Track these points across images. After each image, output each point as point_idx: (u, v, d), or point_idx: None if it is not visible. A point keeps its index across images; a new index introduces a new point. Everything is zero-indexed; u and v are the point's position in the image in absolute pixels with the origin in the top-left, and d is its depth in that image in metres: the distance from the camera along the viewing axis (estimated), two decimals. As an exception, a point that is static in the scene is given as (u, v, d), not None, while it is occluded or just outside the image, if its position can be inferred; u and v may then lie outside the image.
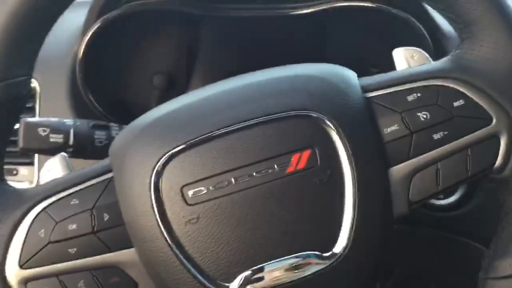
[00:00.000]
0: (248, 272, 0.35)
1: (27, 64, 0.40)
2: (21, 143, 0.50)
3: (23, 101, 0.41)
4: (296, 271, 0.36)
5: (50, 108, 0.68)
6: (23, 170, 0.73)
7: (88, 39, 0.65)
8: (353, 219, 0.36)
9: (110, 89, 0.71)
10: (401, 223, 0.39)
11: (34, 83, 0.69)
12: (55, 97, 0.68)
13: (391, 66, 0.43)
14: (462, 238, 0.59)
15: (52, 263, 0.37)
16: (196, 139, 0.36)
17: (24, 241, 0.37)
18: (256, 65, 0.43)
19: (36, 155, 0.71)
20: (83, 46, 0.65)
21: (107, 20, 0.65)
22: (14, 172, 0.73)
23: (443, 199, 0.59)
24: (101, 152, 0.54)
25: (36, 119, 0.53)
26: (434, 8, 0.41)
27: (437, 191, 0.38)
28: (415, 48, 0.43)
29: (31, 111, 0.70)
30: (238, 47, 0.74)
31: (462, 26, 0.39)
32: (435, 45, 0.64)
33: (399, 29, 0.64)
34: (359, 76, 0.40)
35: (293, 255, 0.36)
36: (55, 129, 0.51)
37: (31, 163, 0.71)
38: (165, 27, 0.74)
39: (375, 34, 0.69)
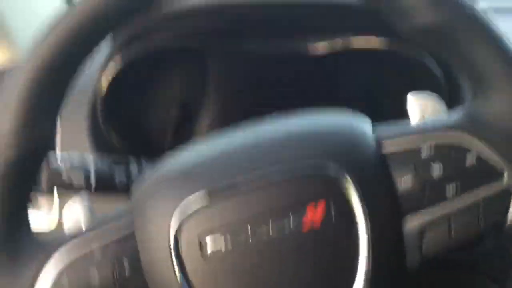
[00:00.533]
0: None
1: (52, 116, 0.40)
2: (44, 186, 0.52)
3: (46, 149, 0.42)
4: None
5: (70, 143, 0.70)
6: (41, 198, 0.75)
7: (112, 77, 0.67)
8: (366, 273, 0.36)
9: (129, 123, 0.73)
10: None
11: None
12: (76, 132, 0.70)
13: (403, 103, 0.43)
14: (477, 277, 0.59)
15: None
16: (213, 194, 0.37)
17: None
18: (268, 102, 0.44)
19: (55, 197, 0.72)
20: (106, 83, 0.67)
21: (130, 58, 0.66)
22: (34, 199, 0.74)
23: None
24: (120, 188, 0.56)
25: (58, 158, 0.54)
26: (446, 62, 0.42)
27: (449, 245, 0.38)
28: (429, 94, 0.44)
29: (52, 143, 0.72)
30: (250, 82, 0.76)
31: (475, 82, 0.40)
32: (450, 84, 0.64)
33: (413, 69, 0.65)
34: (372, 116, 0.41)
35: None
36: (76, 169, 0.53)
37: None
38: (181, 60, 0.75)
39: (389, 73, 0.70)
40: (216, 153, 0.40)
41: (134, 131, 0.74)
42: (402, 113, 0.45)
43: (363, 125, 0.41)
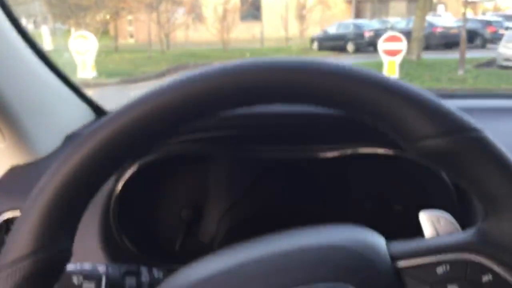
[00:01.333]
0: None
1: (70, 231, 0.40)
2: None
3: (63, 266, 0.41)
4: None
5: (81, 244, 0.70)
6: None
7: (125, 181, 0.68)
8: None
9: (141, 226, 0.74)
10: None
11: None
12: (87, 234, 0.70)
13: (414, 206, 0.43)
14: None
15: None
16: None
17: None
18: (279, 206, 0.44)
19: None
20: (119, 187, 0.68)
21: (144, 163, 0.68)
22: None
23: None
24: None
25: (71, 266, 0.54)
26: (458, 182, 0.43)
27: None
28: (441, 212, 0.44)
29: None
30: (259, 185, 0.77)
31: (486, 202, 0.40)
32: (460, 196, 0.65)
33: (424, 175, 0.67)
34: (384, 218, 0.41)
35: None
36: (88, 277, 0.53)
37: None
38: (192, 164, 0.77)
39: (400, 176, 0.71)
40: (225, 271, 0.40)
41: (145, 232, 0.74)
42: (413, 216, 0.45)
43: (377, 240, 0.41)
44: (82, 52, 7.15)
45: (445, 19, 14.65)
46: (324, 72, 0.37)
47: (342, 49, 12.54)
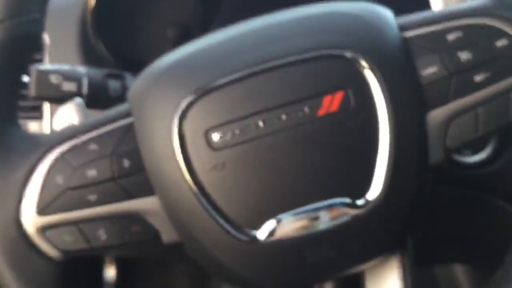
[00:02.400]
0: (275, 219, 0.34)
1: (40, 1, 0.37)
2: (32, 91, 0.48)
3: (36, 41, 0.38)
4: (326, 218, 0.34)
5: (60, 60, 0.65)
6: (32, 125, 0.72)
7: None
8: (387, 164, 0.34)
9: (122, 40, 0.69)
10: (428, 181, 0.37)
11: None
12: (65, 48, 0.66)
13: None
14: (492, 197, 0.57)
15: (71, 210, 0.35)
16: (221, 80, 0.34)
17: (41, 187, 0.35)
18: None
19: (46, 109, 0.69)
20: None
21: None
22: (23, 126, 0.71)
23: (473, 155, 0.57)
24: (115, 102, 0.52)
25: (48, 66, 0.50)
26: None
27: (475, 136, 0.35)
28: None
29: (40, 63, 0.68)
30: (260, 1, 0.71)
31: None
32: None
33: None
34: None
35: (324, 201, 0.34)
36: (68, 76, 0.49)
37: (40, 117, 0.70)
38: None
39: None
40: (219, 42, 0.36)
41: (127, 48, 0.69)
42: None
43: (384, 11, 0.37)
44: None
45: None
46: None
47: None
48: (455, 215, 0.56)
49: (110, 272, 0.45)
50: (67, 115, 0.39)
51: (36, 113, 0.69)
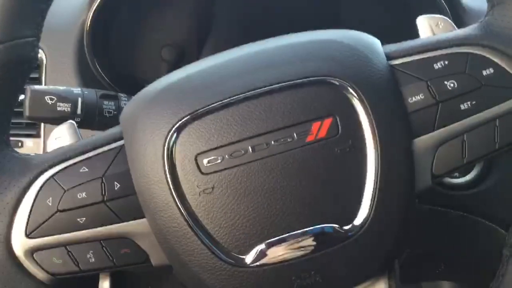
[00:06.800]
0: (263, 245, 0.34)
1: (35, 25, 0.38)
2: (27, 112, 0.49)
3: (30, 64, 0.39)
4: (314, 244, 0.34)
5: (56, 79, 0.66)
6: (28, 142, 0.72)
7: (96, 7, 0.63)
8: (374, 190, 0.34)
9: (118, 60, 0.69)
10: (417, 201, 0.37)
11: (40, 53, 0.68)
12: (62, 67, 0.66)
13: (408, 37, 0.41)
14: (477, 217, 0.57)
15: (60, 233, 0.35)
16: (212, 105, 0.34)
17: (31, 210, 0.36)
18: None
19: (42, 127, 0.69)
20: (91, 15, 0.63)
21: None
22: (20, 144, 0.72)
23: (459, 177, 0.57)
24: (109, 123, 0.53)
25: (43, 87, 0.51)
26: None
27: (462, 164, 0.36)
28: (440, 15, 0.41)
29: (37, 82, 0.68)
30: (253, 19, 0.72)
31: None
32: (455, 20, 0.61)
33: (416, 1, 0.62)
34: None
35: (311, 227, 0.34)
36: (62, 97, 0.49)
37: (37, 135, 0.70)
38: None
39: (391, 4, 0.67)
40: (209, 67, 0.37)
41: (122, 68, 0.70)
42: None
43: (371, 39, 0.38)
44: None
45: None
46: None
47: None
48: (441, 233, 0.56)
49: (105, 285, 0.45)
50: (60, 137, 0.40)
51: (31, 130, 0.70)
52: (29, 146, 0.71)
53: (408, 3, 0.64)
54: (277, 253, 0.34)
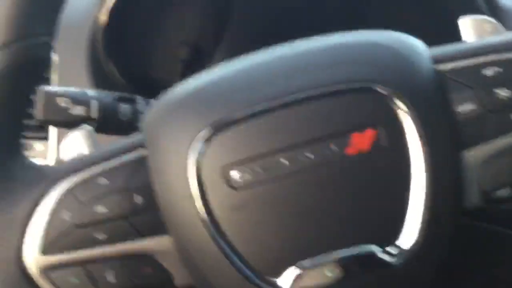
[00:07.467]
0: (298, 267, 0.31)
1: (49, 23, 0.35)
2: (39, 115, 0.46)
3: (44, 65, 0.36)
4: (355, 267, 0.31)
5: (69, 79, 0.64)
6: (38, 146, 0.70)
7: (112, 6, 0.60)
8: (424, 209, 0.31)
9: (132, 59, 0.67)
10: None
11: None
12: (75, 68, 0.64)
13: (445, 40, 0.37)
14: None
15: (78, 249, 0.33)
16: (241, 113, 0.31)
17: (46, 224, 0.33)
18: (293, 37, 0.38)
19: (51, 130, 0.67)
20: (105, 13, 0.61)
21: None
22: (28, 147, 0.69)
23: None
24: (125, 127, 0.50)
25: (56, 88, 0.48)
26: None
27: None
28: (485, 17, 0.38)
29: (49, 83, 0.65)
30: (272, 16, 0.69)
31: None
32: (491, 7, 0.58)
33: (450, 1, 0.59)
34: None
35: (352, 249, 0.31)
36: (76, 100, 0.47)
37: (46, 138, 0.67)
38: None
39: (424, 3, 0.64)
40: (239, 71, 0.34)
41: (137, 68, 0.67)
42: None
43: (416, 42, 0.35)
44: None
45: None
46: None
47: None
48: (476, 248, 0.53)
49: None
50: (75, 143, 0.37)
51: (42, 133, 0.67)
52: (39, 150, 0.69)
53: (444, 2, 0.61)
54: (312, 276, 0.31)
